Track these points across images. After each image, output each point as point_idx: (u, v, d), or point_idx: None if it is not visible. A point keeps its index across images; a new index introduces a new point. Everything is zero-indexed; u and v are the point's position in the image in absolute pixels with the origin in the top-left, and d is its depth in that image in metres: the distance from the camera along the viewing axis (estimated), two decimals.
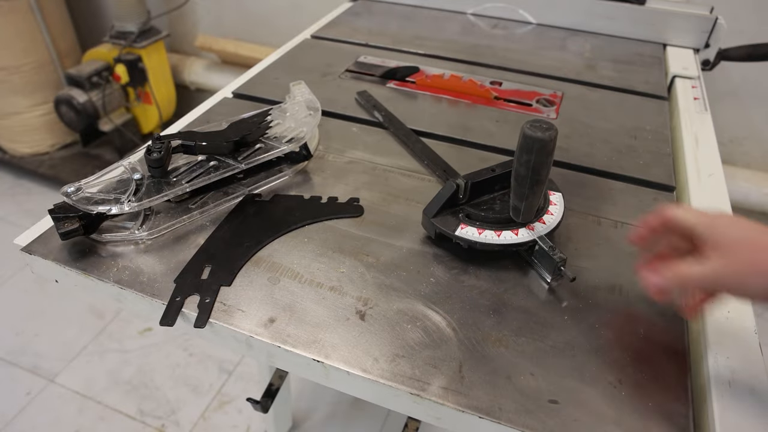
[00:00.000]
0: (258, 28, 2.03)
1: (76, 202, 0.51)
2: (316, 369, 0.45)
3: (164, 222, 0.57)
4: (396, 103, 0.81)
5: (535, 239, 0.53)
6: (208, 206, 0.60)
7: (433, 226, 0.55)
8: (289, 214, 0.60)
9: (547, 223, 0.54)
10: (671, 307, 0.51)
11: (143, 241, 0.55)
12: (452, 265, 0.54)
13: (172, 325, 0.48)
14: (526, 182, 0.49)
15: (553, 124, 0.47)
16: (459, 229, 0.54)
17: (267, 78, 0.88)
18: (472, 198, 0.56)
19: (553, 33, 1.10)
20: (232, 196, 0.61)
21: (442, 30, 1.10)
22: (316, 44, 1.02)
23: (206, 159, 0.61)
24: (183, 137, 0.59)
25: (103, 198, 0.53)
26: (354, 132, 0.75)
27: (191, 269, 0.52)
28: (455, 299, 0.51)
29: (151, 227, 0.56)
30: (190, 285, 0.51)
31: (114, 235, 0.55)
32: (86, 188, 0.53)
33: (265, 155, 0.62)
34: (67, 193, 0.51)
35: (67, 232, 0.51)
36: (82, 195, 0.52)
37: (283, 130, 0.65)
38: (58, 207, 0.52)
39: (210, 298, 0.49)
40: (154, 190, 0.56)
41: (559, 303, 0.51)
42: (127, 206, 0.53)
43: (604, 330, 0.49)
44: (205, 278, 0.51)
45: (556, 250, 0.51)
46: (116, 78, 1.91)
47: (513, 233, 0.53)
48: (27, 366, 1.38)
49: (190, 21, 2.14)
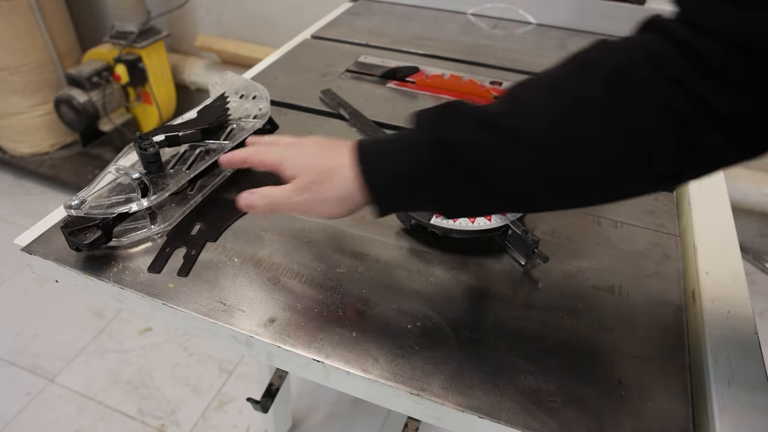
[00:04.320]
0: (258, 27, 2.03)
1: (89, 211, 0.51)
2: (316, 369, 0.45)
3: (174, 213, 0.58)
4: (396, 103, 0.82)
5: (507, 224, 0.55)
6: (207, 189, 0.62)
7: (408, 217, 0.56)
8: (278, 183, 0.63)
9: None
10: (672, 309, 0.51)
11: (160, 236, 0.56)
12: (446, 262, 0.54)
13: (159, 272, 0.52)
14: None
15: None
16: (434, 218, 0.55)
17: (266, 78, 0.88)
18: None
19: (553, 33, 1.10)
20: (223, 174, 0.64)
21: (442, 30, 1.10)
22: (316, 44, 1.02)
23: (190, 147, 0.62)
24: (164, 131, 0.61)
25: (114, 202, 0.53)
26: (350, 133, 0.75)
27: (183, 225, 0.57)
28: (455, 299, 0.51)
29: (164, 220, 0.57)
30: (179, 239, 0.55)
31: (134, 235, 0.55)
32: (91, 198, 0.53)
33: (243, 132, 0.65)
34: (73, 206, 0.51)
35: (92, 242, 0.50)
36: (91, 204, 0.52)
37: (241, 112, 0.69)
38: (68, 222, 0.51)
39: (195, 251, 0.54)
40: (159, 184, 0.57)
41: (543, 293, 0.51)
42: (146, 201, 0.54)
43: (604, 330, 0.49)
44: (194, 234, 0.56)
45: (529, 233, 0.53)
46: (116, 78, 1.91)
47: (486, 219, 0.55)
48: (27, 366, 1.38)
49: (190, 21, 2.14)
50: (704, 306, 0.51)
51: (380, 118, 0.77)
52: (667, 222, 0.62)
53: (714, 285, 0.54)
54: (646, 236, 0.60)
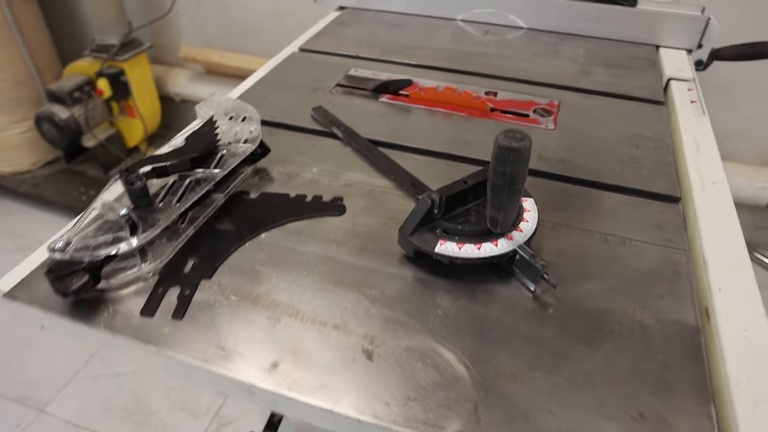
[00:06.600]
0: (242, 37, 2.00)
1: (74, 254, 0.48)
2: (324, 416, 0.43)
3: (165, 249, 0.55)
4: (390, 119, 0.79)
5: (515, 248, 0.52)
6: (199, 220, 0.58)
7: (410, 245, 0.54)
8: (272, 211, 0.61)
9: (524, 231, 0.54)
10: (688, 331, 0.49)
11: (152, 275, 0.53)
12: (453, 291, 0.52)
13: (152, 315, 0.49)
14: (503, 192, 0.49)
15: (527, 134, 0.46)
16: (438, 246, 0.52)
17: (255, 96, 0.85)
18: (447, 211, 0.55)
19: (545, 38, 1.08)
20: (214, 204, 0.61)
21: (433, 38, 1.08)
22: (304, 57, 0.99)
23: (179, 178, 0.60)
24: (151, 161, 0.58)
25: (101, 242, 0.50)
26: (345, 154, 0.73)
27: (175, 262, 0.54)
28: (465, 332, 0.48)
29: (155, 257, 0.54)
30: (172, 277, 0.52)
31: (124, 275, 0.52)
32: (76, 239, 0.50)
33: (235, 158, 0.62)
34: (57, 249, 0.48)
35: (79, 288, 0.47)
36: (77, 246, 0.49)
37: (231, 135, 0.66)
38: (53, 267, 0.48)
39: (189, 291, 0.51)
40: (149, 219, 0.54)
41: (557, 325, 0.49)
42: (135, 240, 0.51)
43: (621, 358, 0.47)
44: (187, 272, 0.53)
45: (537, 257, 0.51)
46: (99, 92, 1.87)
47: (492, 245, 0.52)
48: (15, 397, 1.34)
49: (173, 31, 2.10)
50: (720, 325, 0.50)
51: (375, 135, 0.74)
52: (674, 236, 0.60)
53: (728, 301, 0.52)
54: (655, 252, 0.58)
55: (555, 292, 0.53)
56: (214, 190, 0.62)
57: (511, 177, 0.47)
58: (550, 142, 0.74)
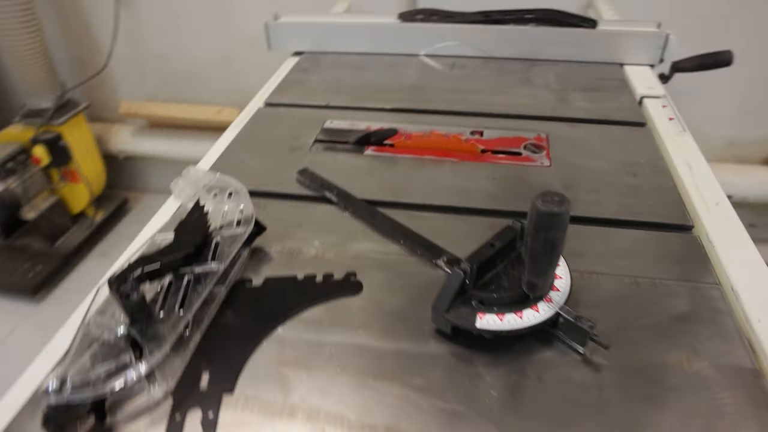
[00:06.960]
0: (184, 85, 1.92)
1: (72, 394, 0.41)
2: None
3: (173, 364, 0.48)
4: (381, 174, 0.75)
5: (558, 311, 0.49)
6: (203, 322, 0.52)
7: (447, 322, 0.50)
8: (282, 299, 0.56)
9: (561, 290, 0.51)
10: (748, 375, 0.48)
11: (164, 397, 0.46)
12: (500, 366, 0.48)
13: None
14: (545, 258, 0.46)
15: (565, 195, 0.43)
16: (478, 320, 0.49)
17: (232, 163, 0.79)
18: (477, 278, 0.51)
19: (512, 65, 1.08)
20: (217, 299, 0.54)
21: (401, 77, 1.05)
22: (272, 113, 0.94)
23: (174, 278, 0.53)
24: (141, 264, 0.51)
25: (104, 374, 0.43)
26: (344, 220, 0.68)
27: (188, 377, 0.47)
28: (527, 413, 0.45)
29: (164, 376, 0.47)
30: (188, 398, 0.46)
31: (133, 405, 0.45)
32: (72, 374, 0.43)
33: (232, 247, 0.56)
34: (52, 392, 0.41)
35: None
36: (74, 383, 0.42)
37: (221, 218, 0.61)
38: (50, 414, 0.41)
39: (213, 412, 0.44)
40: (152, 336, 0.47)
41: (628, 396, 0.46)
42: (144, 366, 0.44)
43: (693, 419, 0.44)
44: (205, 388, 0.47)
45: (582, 318, 0.48)
46: (35, 161, 1.73)
47: (534, 311, 0.49)
48: None
49: (109, 87, 2.00)
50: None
51: (370, 195, 0.70)
52: (700, 269, 0.59)
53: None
54: (688, 292, 0.56)
55: (604, 351, 0.50)
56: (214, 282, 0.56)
57: (552, 243, 0.45)
58: (551, 181, 0.72)
